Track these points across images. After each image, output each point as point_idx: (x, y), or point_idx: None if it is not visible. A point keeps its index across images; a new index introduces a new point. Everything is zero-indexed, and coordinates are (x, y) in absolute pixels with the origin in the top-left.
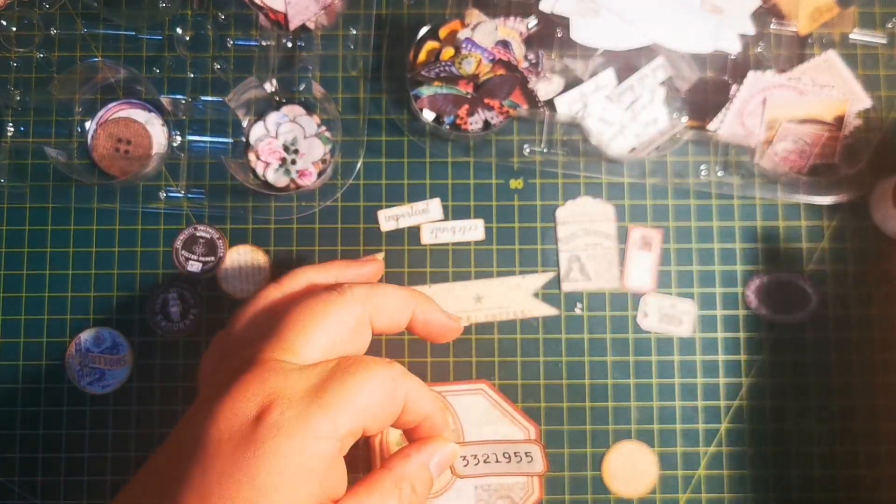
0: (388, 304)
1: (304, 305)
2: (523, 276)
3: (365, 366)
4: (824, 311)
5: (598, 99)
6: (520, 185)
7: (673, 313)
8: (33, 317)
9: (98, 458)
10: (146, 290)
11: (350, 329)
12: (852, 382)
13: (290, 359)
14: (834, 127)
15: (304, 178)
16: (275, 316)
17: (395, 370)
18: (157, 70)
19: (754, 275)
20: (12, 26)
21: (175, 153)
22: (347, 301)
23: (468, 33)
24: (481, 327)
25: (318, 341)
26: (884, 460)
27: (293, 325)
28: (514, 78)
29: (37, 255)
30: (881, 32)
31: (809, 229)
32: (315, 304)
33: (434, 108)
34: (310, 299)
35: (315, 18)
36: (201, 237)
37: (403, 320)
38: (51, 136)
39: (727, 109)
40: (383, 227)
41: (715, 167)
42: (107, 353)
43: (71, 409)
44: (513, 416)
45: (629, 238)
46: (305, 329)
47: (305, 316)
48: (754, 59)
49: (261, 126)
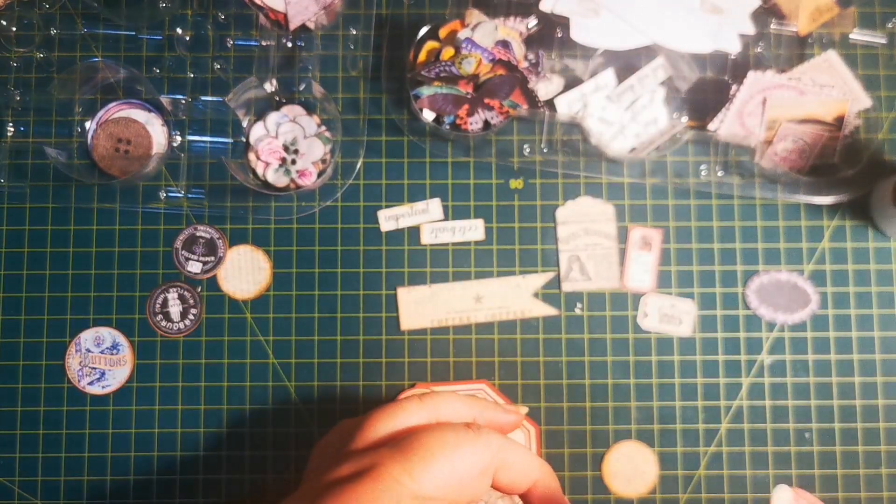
0: (517, 463)
1: (438, 432)
2: (523, 276)
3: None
4: (824, 311)
5: (598, 99)
6: (520, 185)
7: (673, 313)
8: (33, 317)
9: (98, 458)
10: (146, 290)
11: (474, 473)
12: (852, 382)
13: (406, 481)
14: (834, 127)
15: (304, 178)
16: (406, 430)
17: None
18: (157, 70)
19: (754, 275)
20: (12, 26)
21: (175, 153)
22: (481, 445)
23: (468, 33)
24: (481, 327)
25: (439, 473)
26: (884, 460)
27: (420, 449)
28: (514, 78)
29: (37, 255)
30: (881, 32)
31: (809, 229)
32: (448, 435)
33: (434, 108)
34: (445, 429)
35: (315, 18)
36: (201, 237)
37: (524, 485)
38: (51, 136)
39: (727, 109)
40: (383, 227)
41: (715, 167)
42: (107, 353)
43: (71, 409)
44: None
45: (629, 238)
46: (433, 457)
47: (436, 444)
48: (754, 59)
49: (261, 126)
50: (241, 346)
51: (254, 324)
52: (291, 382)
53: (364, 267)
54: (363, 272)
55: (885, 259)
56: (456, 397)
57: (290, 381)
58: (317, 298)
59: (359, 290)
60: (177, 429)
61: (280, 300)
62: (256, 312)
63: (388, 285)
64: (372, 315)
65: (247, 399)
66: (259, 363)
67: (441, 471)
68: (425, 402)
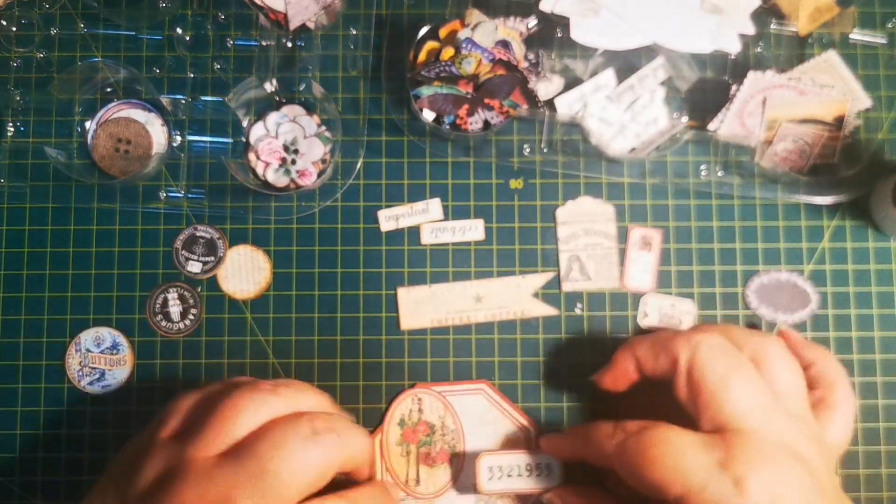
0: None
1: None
2: (523, 276)
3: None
4: (824, 311)
5: (598, 99)
6: (520, 185)
7: (673, 313)
8: (33, 317)
9: (98, 458)
10: (146, 290)
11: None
12: (852, 382)
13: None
14: (834, 127)
15: (304, 178)
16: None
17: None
18: (157, 70)
19: (754, 275)
20: (12, 26)
21: (175, 153)
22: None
23: (468, 33)
24: (481, 327)
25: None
26: (884, 460)
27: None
28: (514, 78)
29: (37, 255)
30: (881, 32)
31: (809, 229)
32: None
33: (434, 108)
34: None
35: (315, 18)
36: (201, 237)
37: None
38: (51, 136)
39: (727, 109)
40: (383, 227)
41: (715, 167)
42: (107, 353)
43: (71, 409)
44: (513, 416)
45: (629, 238)
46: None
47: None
48: (754, 59)
49: (261, 126)
50: (241, 346)
51: (254, 324)
52: None
53: (364, 267)
54: (363, 272)
55: (885, 259)
56: (311, 389)
57: None
58: (317, 298)
59: (359, 290)
60: None
61: (280, 300)
62: (256, 312)
63: (388, 285)
64: (372, 315)
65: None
66: (259, 363)
67: (291, 496)
68: (279, 393)
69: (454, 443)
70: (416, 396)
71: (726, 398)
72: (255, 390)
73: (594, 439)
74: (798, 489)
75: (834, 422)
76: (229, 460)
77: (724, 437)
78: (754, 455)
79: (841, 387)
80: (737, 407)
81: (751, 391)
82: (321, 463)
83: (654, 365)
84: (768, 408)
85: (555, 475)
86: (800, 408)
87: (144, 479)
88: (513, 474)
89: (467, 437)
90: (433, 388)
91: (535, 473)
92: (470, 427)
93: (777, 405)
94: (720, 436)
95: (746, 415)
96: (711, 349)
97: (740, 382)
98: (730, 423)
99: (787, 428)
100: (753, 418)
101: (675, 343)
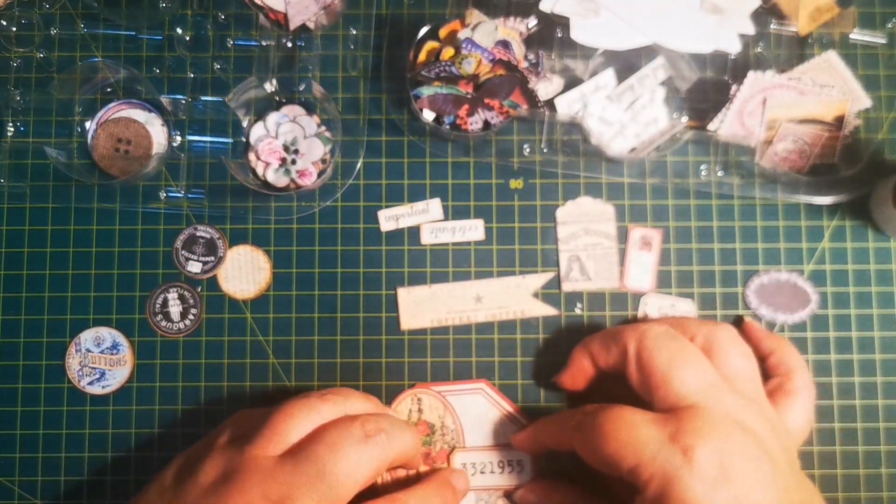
0: (407, 451)
1: (342, 454)
2: (523, 276)
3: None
4: (824, 311)
5: (598, 99)
6: (520, 185)
7: (673, 313)
8: (33, 317)
9: (98, 458)
10: (146, 290)
11: (374, 474)
12: (852, 382)
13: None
14: (834, 127)
15: (304, 178)
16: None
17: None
18: (157, 70)
19: (754, 275)
20: (12, 26)
21: (175, 153)
22: (378, 450)
23: (468, 33)
24: (481, 327)
25: (348, 495)
26: (884, 460)
27: (330, 476)
28: (514, 78)
29: (37, 255)
30: (881, 32)
31: (809, 229)
32: (352, 456)
33: (434, 108)
34: (348, 449)
35: (315, 18)
36: (201, 237)
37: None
38: (51, 136)
39: (727, 109)
40: (383, 227)
41: (715, 167)
42: (107, 353)
43: (71, 409)
44: (513, 416)
45: (629, 238)
46: (343, 486)
47: (342, 469)
48: (754, 59)
49: (261, 126)
50: (241, 346)
51: (254, 324)
52: (291, 382)
53: (364, 267)
54: (363, 272)
55: (885, 259)
56: (357, 394)
57: (290, 382)
58: (317, 298)
59: (359, 290)
60: (177, 429)
61: (280, 300)
62: (256, 312)
63: (388, 285)
64: (372, 315)
65: (247, 399)
66: (259, 363)
67: (347, 494)
68: (327, 399)
69: (454, 442)
70: (416, 396)
71: (674, 377)
72: (305, 397)
73: (557, 426)
74: (747, 459)
75: (792, 408)
76: (288, 461)
77: (675, 414)
78: (702, 427)
79: (799, 374)
80: (684, 386)
81: (698, 371)
82: (373, 462)
83: (607, 357)
84: (716, 386)
85: (525, 471)
86: (750, 389)
87: (206, 478)
88: (486, 471)
89: (467, 436)
90: (433, 388)
91: (507, 469)
92: (469, 427)
93: (725, 385)
94: (672, 413)
95: (694, 392)
96: (657, 336)
97: (686, 364)
98: (679, 401)
99: (737, 405)
100: (701, 395)
101: (623, 334)
